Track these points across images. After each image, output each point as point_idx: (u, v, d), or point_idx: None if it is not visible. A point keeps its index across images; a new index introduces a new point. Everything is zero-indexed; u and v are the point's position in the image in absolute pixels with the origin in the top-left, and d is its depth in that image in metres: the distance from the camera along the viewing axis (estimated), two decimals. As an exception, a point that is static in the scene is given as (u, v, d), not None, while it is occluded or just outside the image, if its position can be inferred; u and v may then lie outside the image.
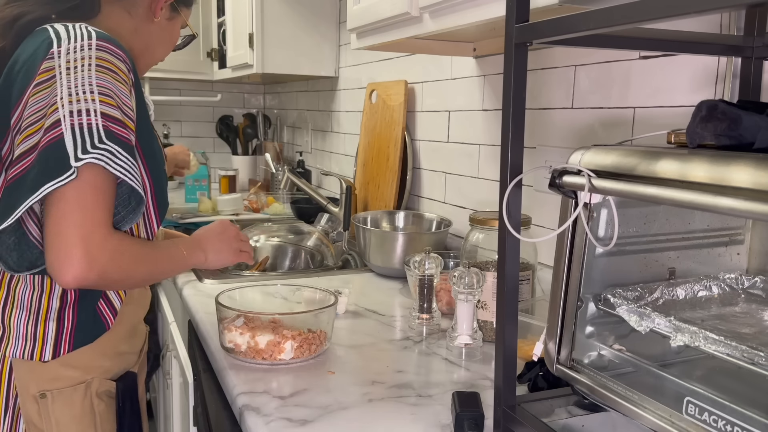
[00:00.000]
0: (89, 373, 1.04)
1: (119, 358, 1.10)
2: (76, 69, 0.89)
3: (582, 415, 0.78)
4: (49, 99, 0.88)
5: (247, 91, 3.68)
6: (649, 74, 1.14)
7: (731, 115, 0.60)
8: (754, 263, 0.81)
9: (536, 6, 0.84)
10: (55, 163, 0.86)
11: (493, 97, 1.60)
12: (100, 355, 1.06)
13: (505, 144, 0.72)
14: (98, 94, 0.89)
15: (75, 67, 0.89)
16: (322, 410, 0.89)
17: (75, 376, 1.03)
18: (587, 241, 0.72)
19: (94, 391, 1.05)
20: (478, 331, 1.11)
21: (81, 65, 0.89)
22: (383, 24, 1.35)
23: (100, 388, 1.06)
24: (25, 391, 1.01)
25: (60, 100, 0.87)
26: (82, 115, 0.87)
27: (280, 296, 1.27)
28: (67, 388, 1.02)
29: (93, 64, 0.90)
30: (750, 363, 0.57)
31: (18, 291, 1.00)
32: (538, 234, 1.38)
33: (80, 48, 0.91)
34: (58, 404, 1.02)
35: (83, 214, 0.87)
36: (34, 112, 0.89)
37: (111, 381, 1.08)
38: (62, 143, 0.86)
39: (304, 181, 2.15)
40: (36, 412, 1.01)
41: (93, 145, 0.86)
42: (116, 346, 1.09)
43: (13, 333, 1.00)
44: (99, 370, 1.06)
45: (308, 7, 2.51)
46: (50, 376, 1.01)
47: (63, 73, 0.89)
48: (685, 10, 0.49)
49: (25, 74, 0.92)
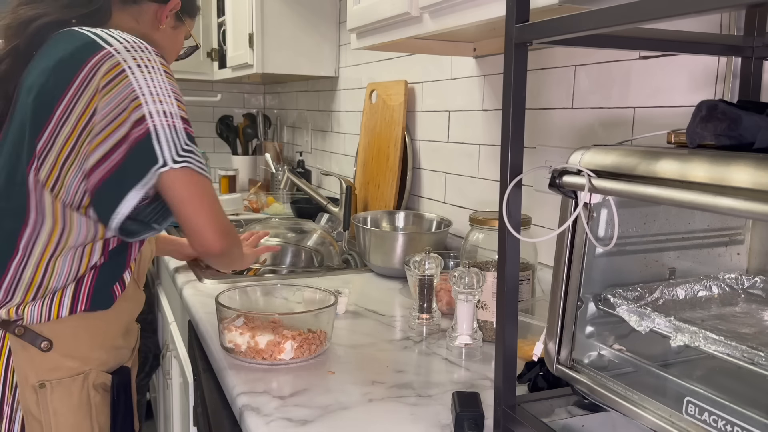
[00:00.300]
0: (87, 365, 1.07)
1: (115, 352, 1.13)
2: (148, 69, 0.96)
3: (582, 415, 0.78)
4: (125, 93, 0.94)
5: (247, 91, 3.68)
6: (649, 74, 1.14)
7: (731, 115, 0.60)
8: (754, 263, 0.81)
9: (536, 6, 0.84)
10: (150, 155, 0.94)
11: (493, 97, 1.60)
12: (98, 347, 1.08)
13: (505, 144, 0.72)
14: (174, 99, 0.98)
15: (146, 66, 0.96)
16: (322, 410, 0.89)
17: (74, 366, 1.05)
18: (587, 241, 0.72)
19: (91, 383, 1.07)
20: (478, 331, 1.11)
21: (151, 66, 0.97)
22: (383, 24, 1.35)
23: (97, 380, 1.08)
24: (24, 381, 1.03)
25: (142, 96, 0.94)
26: (167, 117, 0.95)
27: (280, 296, 1.27)
28: (66, 379, 1.04)
29: (160, 69, 0.98)
30: (750, 363, 0.57)
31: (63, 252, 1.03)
32: (538, 234, 1.38)
33: (139, 48, 0.97)
34: (57, 394, 1.04)
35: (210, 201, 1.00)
36: (112, 110, 0.94)
37: (107, 374, 1.11)
38: (153, 138, 0.94)
39: (304, 181, 2.15)
40: (34, 402, 1.03)
41: (183, 149, 0.96)
42: (113, 339, 1.12)
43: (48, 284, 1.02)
44: (96, 362, 1.08)
45: (308, 7, 2.51)
46: (50, 366, 1.03)
47: (137, 72, 0.95)
48: (685, 10, 0.49)
49: (65, 69, 0.96)
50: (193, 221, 0.99)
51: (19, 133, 1.01)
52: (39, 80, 0.99)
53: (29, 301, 1.02)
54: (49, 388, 1.03)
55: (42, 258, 1.02)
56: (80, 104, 0.95)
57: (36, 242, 1.01)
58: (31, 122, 0.98)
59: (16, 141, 1.02)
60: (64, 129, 0.96)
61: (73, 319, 1.05)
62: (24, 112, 1.00)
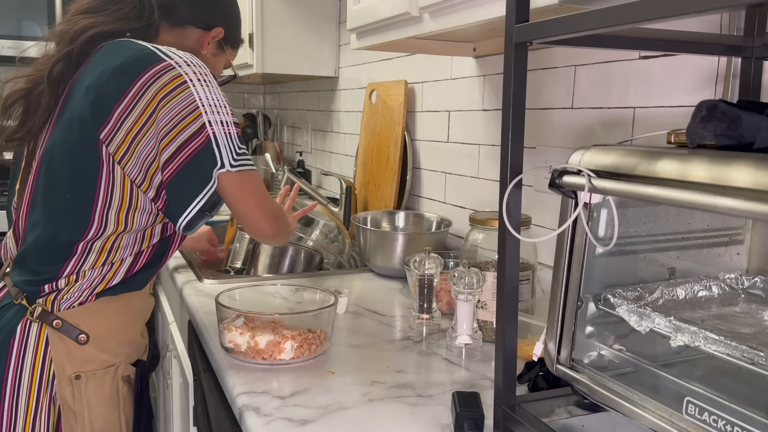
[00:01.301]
0: (117, 358, 1.15)
1: (137, 346, 1.21)
2: (207, 83, 1.05)
3: (582, 415, 0.78)
4: (187, 102, 1.02)
5: (247, 91, 3.68)
6: (649, 74, 1.14)
7: (731, 115, 0.60)
8: (754, 263, 0.81)
9: (536, 6, 0.84)
10: (213, 157, 1.04)
11: (493, 97, 1.60)
12: (126, 341, 1.17)
13: (505, 144, 0.72)
14: (228, 108, 1.07)
15: (205, 80, 1.05)
16: (322, 410, 0.89)
17: (106, 359, 1.13)
18: (587, 241, 0.72)
19: (120, 375, 1.15)
20: (478, 331, 1.11)
21: (209, 81, 1.06)
22: (383, 24, 1.35)
23: (124, 373, 1.16)
24: (62, 372, 1.10)
25: (202, 107, 1.03)
26: (223, 126, 1.05)
27: (280, 296, 1.27)
28: (100, 371, 1.12)
29: (215, 82, 1.08)
30: (750, 363, 0.57)
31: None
32: (538, 234, 1.38)
33: (198, 65, 1.07)
34: (91, 385, 1.11)
35: (260, 194, 1.11)
36: (173, 117, 1.02)
37: (132, 366, 1.18)
38: (210, 145, 1.03)
39: (304, 181, 2.15)
40: (70, 393, 1.10)
41: (237, 153, 1.06)
42: (136, 335, 1.20)
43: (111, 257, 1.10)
44: (123, 355, 1.16)
45: (308, 8, 2.51)
46: (85, 359, 1.10)
47: (197, 84, 1.04)
48: (685, 10, 0.49)
49: (126, 73, 1.04)
50: (248, 214, 1.10)
51: (77, 128, 1.07)
52: (98, 81, 1.05)
53: (90, 268, 1.09)
54: (84, 380, 1.10)
55: (112, 234, 1.09)
56: (138, 108, 1.02)
57: (108, 215, 1.07)
58: (91, 121, 1.05)
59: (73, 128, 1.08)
60: (123, 126, 1.04)
61: (106, 314, 1.12)
62: (82, 111, 1.06)
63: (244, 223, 1.12)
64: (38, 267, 1.09)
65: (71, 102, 1.09)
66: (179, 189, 1.05)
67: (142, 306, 1.21)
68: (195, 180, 1.04)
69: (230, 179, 1.05)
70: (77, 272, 1.08)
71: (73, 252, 1.07)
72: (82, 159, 1.06)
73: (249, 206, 1.09)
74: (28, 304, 1.09)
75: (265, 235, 1.14)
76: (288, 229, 1.25)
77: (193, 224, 1.08)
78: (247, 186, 1.09)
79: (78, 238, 1.07)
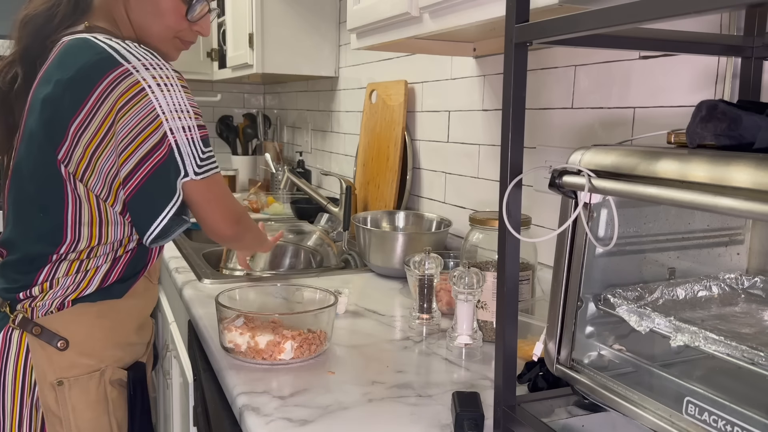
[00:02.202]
0: (103, 362, 1.11)
1: (130, 349, 1.17)
2: (168, 87, 1.00)
3: (582, 415, 0.78)
4: (146, 112, 0.98)
5: (247, 91, 3.68)
6: (649, 74, 1.14)
7: (731, 115, 0.60)
8: (754, 263, 0.81)
9: (536, 6, 0.84)
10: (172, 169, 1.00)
11: (493, 97, 1.60)
12: (113, 344, 1.13)
13: (505, 144, 0.72)
14: (193, 113, 1.03)
15: (165, 84, 1.00)
16: (322, 410, 0.89)
17: (90, 364, 1.10)
18: (587, 241, 0.72)
19: (108, 379, 1.12)
20: (478, 331, 1.11)
21: (170, 84, 1.01)
22: (383, 24, 1.35)
23: (113, 377, 1.13)
24: (43, 379, 1.07)
25: (162, 115, 0.99)
26: (186, 132, 1.01)
27: (280, 296, 1.27)
28: (83, 376, 1.09)
29: (177, 84, 1.02)
30: (750, 363, 0.57)
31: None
32: (538, 234, 1.38)
33: (157, 66, 1.01)
34: (75, 391, 1.08)
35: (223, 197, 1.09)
36: (132, 128, 0.98)
37: (123, 370, 1.15)
38: (173, 154, 1.00)
39: (304, 181, 2.14)
40: (53, 399, 1.08)
41: (200, 157, 1.03)
42: (126, 336, 1.16)
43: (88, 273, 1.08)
44: (111, 359, 1.13)
45: (308, 8, 2.51)
46: (66, 365, 1.08)
47: (156, 90, 0.99)
48: (685, 10, 0.49)
49: (81, 84, 0.99)
50: (208, 217, 1.08)
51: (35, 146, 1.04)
52: (54, 94, 1.01)
53: (64, 276, 1.07)
54: (67, 385, 1.08)
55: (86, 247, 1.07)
56: (96, 120, 0.99)
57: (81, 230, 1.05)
58: (46, 140, 1.02)
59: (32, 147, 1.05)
60: (81, 142, 1.00)
61: (87, 319, 1.09)
62: (38, 128, 1.03)
63: (203, 224, 1.09)
64: (14, 275, 1.08)
65: (31, 115, 1.06)
66: (144, 204, 1.02)
67: (136, 305, 1.17)
68: (160, 194, 1.01)
69: (195, 186, 1.03)
70: (50, 281, 1.06)
71: (47, 261, 1.06)
72: (45, 177, 1.03)
73: (211, 210, 1.07)
74: (10, 312, 1.08)
75: (224, 238, 1.11)
76: (251, 231, 1.23)
77: (166, 233, 1.04)
78: (212, 191, 1.06)
79: (52, 251, 1.05)
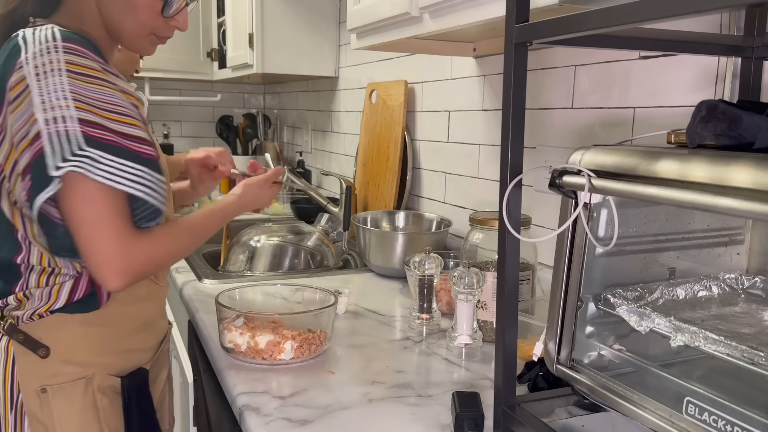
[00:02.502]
0: (90, 369, 1.06)
1: (126, 355, 1.10)
2: (46, 74, 0.88)
3: (582, 415, 0.78)
4: (29, 110, 0.88)
5: (247, 91, 3.68)
6: (649, 74, 1.14)
7: (731, 115, 0.60)
8: (754, 263, 0.81)
9: (536, 6, 0.84)
10: (40, 175, 0.88)
11: (493, 97, 1.60)
12: (100, 351, 1.07)
13: (505, 144, 0.72)
14: (72, 100, 0.88)
15: (44, 72, 0.88)
16: (322, 410, 0.89)
17: (74, 371, 1.05)
18: (587, 241, 0.72)
19: (96, 387, 1.06)
20: (478, 331, 1.11)
21: (51, 69, 0.88)
22: (383, 24, 1.35)
23: (103, 384, 1.07)
24: (27, 385, 1.04)
25: (35, 108, 0.87)
26: (58, 123, 0.87)
27: (280, 296, 1.27)
28: (67, 384, 1.04)
29: (63, 69, 0.89)
30: (750, 363, 0.57)
31: None
32: (538, 234, 1.38)
33: (46, 51, 0.89)
34: (59, 399, 1.04)
35: (99, 229, 0.90)
36: (21, 127, 0.89)
37: (115, 377, 1.09)
38: (43, 155, 0.87)
39: (304, 181, 2.14)
40: (38, 406, 1.04)
41: (72, 153, 0.87)
42: (118, 343, 1.09)
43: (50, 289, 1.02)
44: (100, 366, 1.07)
45: (308, 7, 2.51)
46: (50, 372, 1.03)
47: (33, 81, 0.88)
48: (685, 10, 0.49)
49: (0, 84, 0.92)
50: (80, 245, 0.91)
51: None
52: None
53: (35, 287, 1.03)
54: (51, 393, 1.04)
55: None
56: (4, 128, 0.93)
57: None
58: None
59: None
60: (1, 149, 0.94)
61: (70, 327, 1.04)
62: None
63: (84, 258, 0.92)
64: None
65: None
66: (31, 207, 0.91)
67: (135, 310, 1.10)
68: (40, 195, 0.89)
69: (62, 190, 0.88)
70: (24, 291, 1.03)
71: (18, 270, 1.03)
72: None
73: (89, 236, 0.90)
74: (1, 319, 1.05)
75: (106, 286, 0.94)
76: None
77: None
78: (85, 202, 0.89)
79: (12, 258, 1.02)
